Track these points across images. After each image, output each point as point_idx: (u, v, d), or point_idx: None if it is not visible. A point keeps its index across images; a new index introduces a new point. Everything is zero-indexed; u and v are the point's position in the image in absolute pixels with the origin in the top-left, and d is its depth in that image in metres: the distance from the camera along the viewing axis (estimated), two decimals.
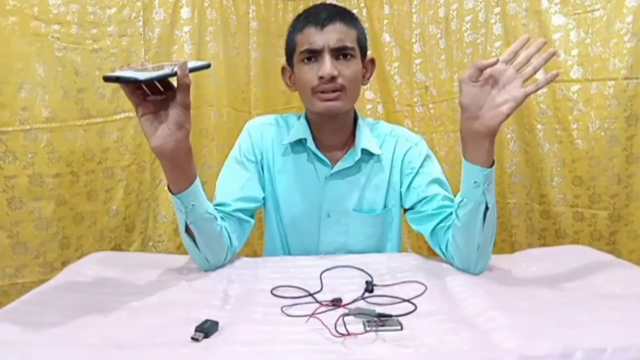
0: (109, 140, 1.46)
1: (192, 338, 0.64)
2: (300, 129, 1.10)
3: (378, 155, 1.09)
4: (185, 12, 1.59)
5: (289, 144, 1.10)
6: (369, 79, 1.11)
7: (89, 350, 0.62)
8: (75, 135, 1.38)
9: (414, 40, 1.83)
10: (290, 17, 1.87)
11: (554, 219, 1.60)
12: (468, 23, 1.74)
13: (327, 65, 0.98)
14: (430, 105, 1.84)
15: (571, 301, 0.76)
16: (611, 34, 1.45)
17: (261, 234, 1.85)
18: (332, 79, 0.99)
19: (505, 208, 1.72)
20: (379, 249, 1.12)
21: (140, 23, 1.49)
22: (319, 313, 0.72)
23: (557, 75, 0.84)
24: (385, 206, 1.11)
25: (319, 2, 1.88)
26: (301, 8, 1.87)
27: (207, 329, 0.66)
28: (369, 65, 1.10)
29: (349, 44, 1.01)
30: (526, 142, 1.64)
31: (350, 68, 1.02)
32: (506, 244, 1.74)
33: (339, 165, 1.08)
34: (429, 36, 1.81)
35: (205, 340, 0.65)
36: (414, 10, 1.82)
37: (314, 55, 1.01)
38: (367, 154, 1.09)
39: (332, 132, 1.09)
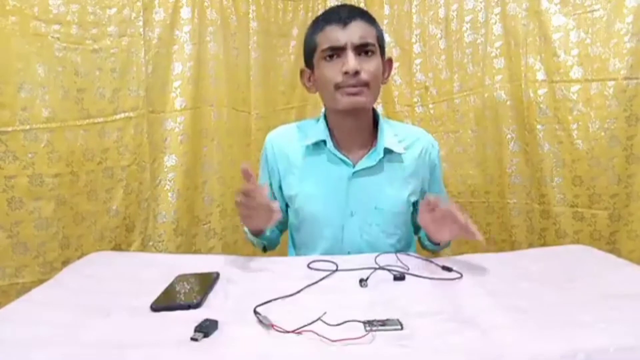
0: (109, 140, 1.46)
1: (192, 338, 0.64)
2: (319, 131, 1.11)
3: (400, 154, 1.11)
4: (185, 12, 1.59)
5: (309, 146, 1.12)
6: (387, 78, 1.13)
7: (89, 350, 0.62)
8: (75, 135, 1.38)
9: (414, 40, 1.83)
10: (290, 17, 1.87)
11: (554, 219, 1.60)
12: (468, 23, 1.74)
13: (351, 61, 1.00)
14: (430, 106, 1.84)
15: (572, 301, 0.76)
16: (611, 34, 1.45)
17: None
18: (356, 74, 1.01)
19: (505, 208, 1.72)
20: (405, 246, 1.14)
21: (140, 23, 1.49)
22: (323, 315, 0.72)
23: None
24: (407, 203, 1.12)
25: (318, 1, 1.89)
26: (301, 8, 1.88)
27: (206, 329, 0.66)
28: (386, 65, 1.12)
29: (370, 41, 1.03)
30: (526, 142, 1.64)
31: (373, 64, 1.03)
32: (506, 244, 1.74)
33: (361, 164, 1.09)
34: (429, 36, 1.81)
35: (204, 340, 0.65)
36: (414, 10, 1.82)
37: (336, 52, 1.02)
38: (389, 152, 1.10)
39: (352, 131, 1.11)
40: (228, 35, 1.71)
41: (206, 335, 0.65)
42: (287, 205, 1.18)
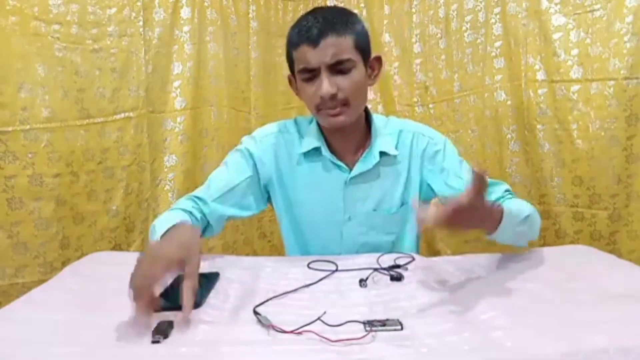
0: (109, 140, 1.46)
1: (153, 341, 0.63)
2: (313, 137, 1.08)
3: (395, 156, 1.09)
4: (185, 12, 1.59)
5: (304, 153, 1.08)
6: (376, 76, 1.07)
7: (89, 350, 0.62)
8: (75, 135, 1.38)
9: (414, 40, 1.83)
10: (290, 17, 1.87)
11: (554, 219, 1.60)
12: (468, 23, 1.74)
13: (324, 85, 0.96)
14: (430, 105, 1.84)
15: (572, 301, 0.76)
16: (611, 34, 1.45)
17: (261, 234, 1.85)
18: (333, 96, 0.97)
19: None
20: (398, 245, 1.12)
21: (140, 23, 1.49)
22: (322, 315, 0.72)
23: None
24: (402, 203, 1.11)
25: (318, 1, 1.89)
26: (301, 8, 1.88)
27: (164, 331, 0.65)
28: (375, 64, 1.06)
29: (344, 57, 0.96)
30: (526, 142, 1.64)
31: (351, 80, 0.98)
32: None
33: (357, 169, 1.07)
34: (429, 36, 1.81)
35: (204, 340, 0.65)
36: (414, 10, 1.82)
37: (312, 73, 0.98)
38: (384, 154, 1.07)
39: (345, 137, 1.08)
40: (228, 35, 1.71)
41: (165, 336, 0.65)
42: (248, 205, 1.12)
